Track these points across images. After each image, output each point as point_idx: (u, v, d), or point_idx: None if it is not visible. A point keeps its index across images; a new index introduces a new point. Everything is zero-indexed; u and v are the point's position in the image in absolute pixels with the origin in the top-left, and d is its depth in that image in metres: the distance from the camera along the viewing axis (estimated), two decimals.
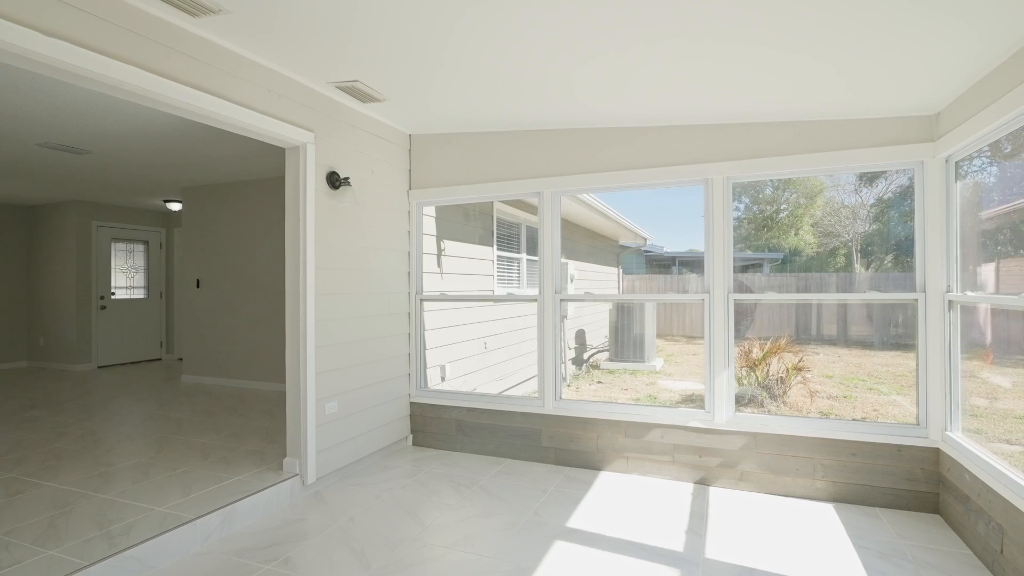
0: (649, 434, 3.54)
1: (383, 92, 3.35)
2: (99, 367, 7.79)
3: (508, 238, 6.64)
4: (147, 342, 8.56)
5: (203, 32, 2.57)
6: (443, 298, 4.66)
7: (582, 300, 7.92)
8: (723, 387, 3.38)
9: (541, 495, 3.27)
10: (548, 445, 3.83)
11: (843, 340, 10.10)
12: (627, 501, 3.17)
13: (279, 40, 2.65)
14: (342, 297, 3.53)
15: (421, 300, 4.32)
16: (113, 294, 8.10)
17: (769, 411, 5.57)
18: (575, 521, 2.91)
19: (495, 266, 6.08)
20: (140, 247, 8.60)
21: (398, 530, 2.80)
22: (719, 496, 3.24)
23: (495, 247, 6.08)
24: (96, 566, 2.20)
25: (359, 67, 2.97)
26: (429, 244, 4.67)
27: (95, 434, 4.17)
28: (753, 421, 3.32)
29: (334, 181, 3.44)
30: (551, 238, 3.85)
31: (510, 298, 5.94)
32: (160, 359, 8.66)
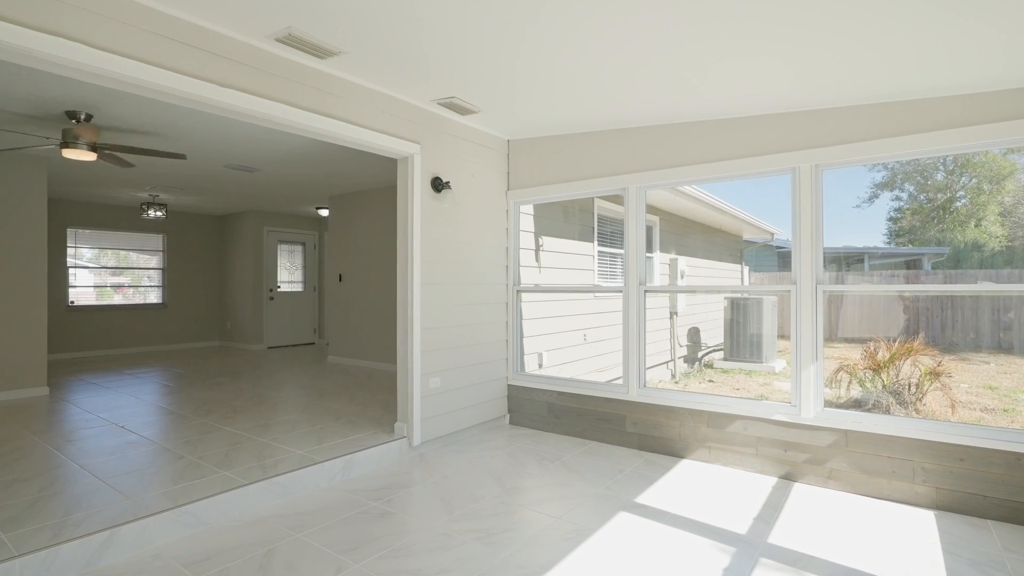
0: (732, 425, 3.54)
1: (477, 105, 3.78)
2: (268, 348, 9.39)
3: (612, 235, 6.77)
4: (303, 328, 10.09)
5: (328, 69, 3.18)
6: (536, 289, 5.00)
7: (665, 291, 7.79)
8: (811, 381, 3.28)
9: (617, 474, 3.46)
10: (632, 431, 3.98)
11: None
12: (701, 486, 3.24)
13: (388, 69, 3.19)
14: (444, 287, 4.03)
15: (518, 291, 4.70)
16: (279, 287, 9.71)
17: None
18: (644, 498, 3.07)
19: (595, 261, 6.27)
20: (299, 248, 10.17)
21: (482, 489, 3.20)
22: (802, 491, 3.16)
23: (595, 243, 6.27)
24: (253, 485, 2.90)
25: (453, 85, 3.43)
26: (527, 240, 5.04)
27: (261, 397, 5.21)
28: (844, 418, 3.17)
29: (437, 185, 3.95)
30: (636, 231, 3.99)
31: (596, 289, 6.10)
32: (313, 343, 10.16)
